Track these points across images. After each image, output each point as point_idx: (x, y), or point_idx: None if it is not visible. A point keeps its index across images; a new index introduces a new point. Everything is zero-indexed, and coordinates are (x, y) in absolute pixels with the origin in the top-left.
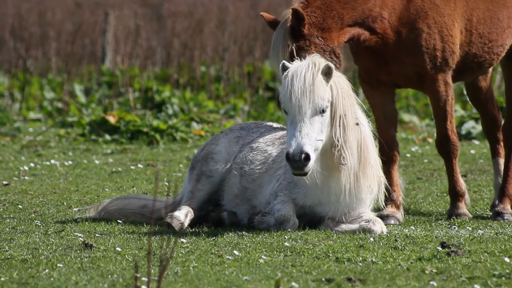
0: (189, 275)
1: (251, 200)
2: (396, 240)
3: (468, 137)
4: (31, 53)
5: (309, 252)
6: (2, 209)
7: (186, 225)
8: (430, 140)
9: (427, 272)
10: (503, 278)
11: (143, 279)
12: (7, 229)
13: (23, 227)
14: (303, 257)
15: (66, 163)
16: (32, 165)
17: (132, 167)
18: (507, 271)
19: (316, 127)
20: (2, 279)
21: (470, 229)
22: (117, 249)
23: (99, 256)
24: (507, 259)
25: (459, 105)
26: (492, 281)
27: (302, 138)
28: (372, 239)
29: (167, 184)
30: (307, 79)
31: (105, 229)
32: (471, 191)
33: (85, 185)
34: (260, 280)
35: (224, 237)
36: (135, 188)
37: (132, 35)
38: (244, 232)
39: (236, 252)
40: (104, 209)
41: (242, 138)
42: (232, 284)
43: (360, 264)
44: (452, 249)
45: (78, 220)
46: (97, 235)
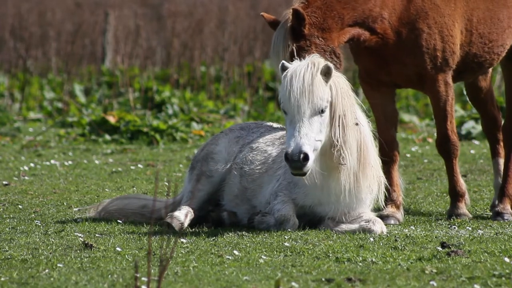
0: (189, 275)
1: (251, 200)
2: (396, 240)
3: (468, 137)
4: (31, 53)
5: (309, 252)
6: (2, 209)
7: (186, 225)
8: (430, 140)
9: (427, 272)
10: (503, 278)
11: (143, 279)
12: (7, 229)
13: (23, 227)
14: (303, 257)
15: (66, 163)
16: (32, 165)
17: (132, 167)
18: (507, 271)
19: (315, 127)
20: (2, 279)
21: (470, 229)
22: (117, 249)
23: (99, 256)
24: (507, 259)
25: (459, 105)
26: (492, 281)
27: (301, 138)
28: (372, 239)
29: (167, 184)
30: (306, 79)
31: (105, 229)
32: (471, 191)
33: (85, 185)
34: (260, 280)
35: (224, 237)
36: (135, 188)
37: (132, 35)
38: (244, 232)
39: (236, 252)
40: (104, 209)
41: (242, 138)
42: (232, 284)
43: (360, 264)
44: (452, 249)
45: (78, 220)
46: (97, 235)
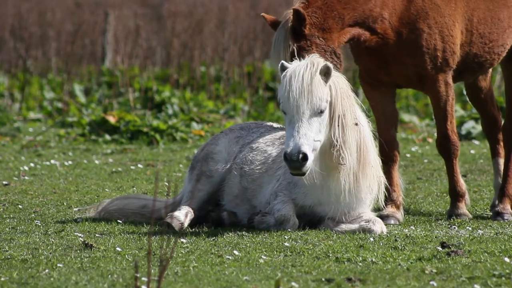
0: (189, 275)
1: (251, 200)
2: (396, 240)
3: (468, 137)
4: (31, 53)
5: (309, 252)
6: (2, 209)
7: (186, 225)
8: (430, 140)
9: (427, 272)
10: (503, 278)
11: (143, 279)
12: (7, 229)
13: (23, 227)
14: (303, 257)
15: (66, 163)
16: (32, 165)
17: (132, 167)
18: (507, 271)
19: (315, 127)
20: (2, 279)
21: (470, 229)
22: (117, 249)
23: (99, 256)
24: (507, 259)
25: (459, 105)
26: (492, 281)
27: (300, 138)
28: (372, 239)
29: (167, 184)
30: (305, 79)
31: (105, 229)
32: (471, 191)
33: (85, 185)
34: (260, 280)
35: (224, 237)
36: (135, 188)
37: (132, 35)
38: (244, 232)
39: (236, 252)
40: (104, 209)
41: (242, 138)
42: (232, 284)
43: (360, 264)
44: (452, 249)
45: (78, 220)
46: (97, 235)
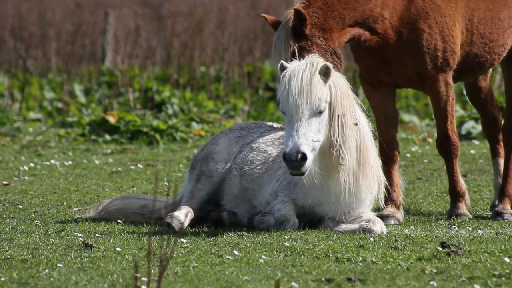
0: (189, 275)
1: (251, 200)
2: (396, 240)
3: (468, 137)
4: (31, 53)
5: (309, 252)
6: (2, 209)
7: (186, 225)
8: (430, 140)
9: (427, 272)
10: (503, 278)
11: (143, 279)
12: (7, 229)
13: (23, 227)
14: (303, 257)
15: (66, 163)
16: (32, 165)
17: (132, 167)
18: (507, 271)
19: (314, 127)
20: (2, 279)
21: (470, 229)
22: (117, 249)
23: (99, 256)
24: (507, 259)
25: (459, 105)
26: (492, 281)
27: (299, 138)
28: (372, 239)
29: (167, 184)
30: (304, 79)
31: (105, 229)
32: (471, 191)
33: (85, 185)
34: (260, 280)
35: (224, 237)
36: (135, 188)
37: (132, 35)
38: (244, 232)
39: (236, 252)
40: (104, 209)
41: (242, 138)
42: (232, 284)
43: (360, 264)
44: (452, 249)
45: (78, 220)
46: (97, 235)
